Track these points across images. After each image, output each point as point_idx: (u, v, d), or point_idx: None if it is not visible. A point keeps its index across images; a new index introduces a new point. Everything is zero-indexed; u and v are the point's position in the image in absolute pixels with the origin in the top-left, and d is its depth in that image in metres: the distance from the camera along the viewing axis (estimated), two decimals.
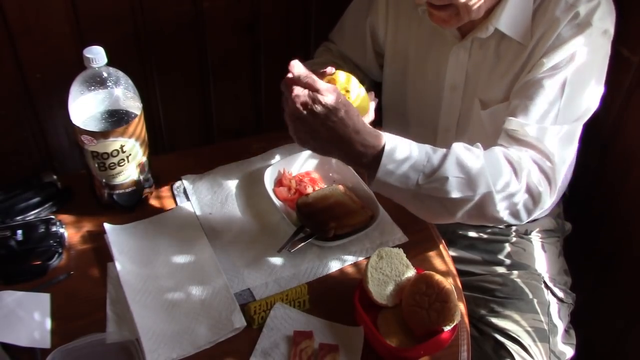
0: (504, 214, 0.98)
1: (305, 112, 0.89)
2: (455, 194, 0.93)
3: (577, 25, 1.00)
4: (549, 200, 1.01)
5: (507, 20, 1.04)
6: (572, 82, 1.01)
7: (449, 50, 1.13)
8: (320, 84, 0.90)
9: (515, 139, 1.02)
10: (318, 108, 0.89)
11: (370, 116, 1.09)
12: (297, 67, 0.92)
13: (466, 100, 1.17)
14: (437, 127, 1.23)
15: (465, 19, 1.01)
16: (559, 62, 1.01)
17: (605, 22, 1.02)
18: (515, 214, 0.99)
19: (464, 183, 0.94)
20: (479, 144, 0.99)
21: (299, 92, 0.89)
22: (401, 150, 0.92)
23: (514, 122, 1.02)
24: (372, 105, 1.11)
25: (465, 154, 0.95)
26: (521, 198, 0.98)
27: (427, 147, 0.95)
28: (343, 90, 1.00)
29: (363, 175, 1.20)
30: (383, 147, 0.91)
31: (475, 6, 0.98)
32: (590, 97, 1.04)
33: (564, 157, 1.02)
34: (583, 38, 1.00)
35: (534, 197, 0.99)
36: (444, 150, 0.95)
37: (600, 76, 1.05)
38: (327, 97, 0.89)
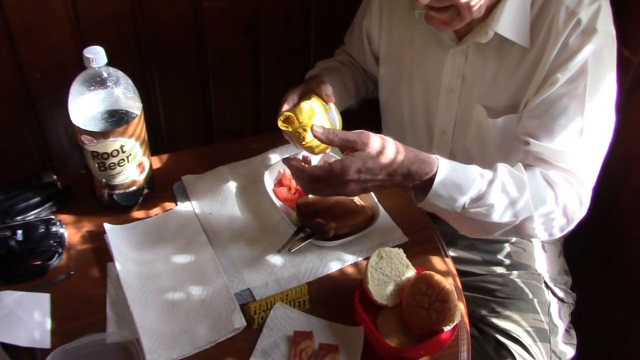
0: (539, 233, 1.02)
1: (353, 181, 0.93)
2: (498, 219, 0.97)
3: (583, 33, 0.99)
4: (580, 218, 1.05)
5: (506, 24, 1.02)
6: (591, 95, 1.01)
7: (445, 54, 1.12)
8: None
9: (545, 162, 1.04)
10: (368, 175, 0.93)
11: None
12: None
13: (463, 104, 1.16)
14: (434, 130, 1.23)
15: (467, 19, 0.99)
16: (572, 76, 1.00)
17: (608, 26, 1.01)
18: (550, 233, 1.04)
19: (508, 210, 0.97)
20: (520, 165, 1.02)
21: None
22: (451, 175, 0.95)
23: (540, 145, 1.03)
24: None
25: (510, 180, 0.98)
26: (558, 220, 1.02)
27: (475, 172, 0.97)
28: (301, 128, 1.05)
29: None
30: (435, 173, 0.94)
31: (477, 5, 0.97)
32: (611, 107, 1.04)
33: (594, 175, 1.06)
34: (591, 46, 0.99)
35: (569, 218, 1.03)
36: (491, 174, 0.98)
37: (614, 82, 1.04)
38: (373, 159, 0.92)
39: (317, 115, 1.06)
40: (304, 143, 1.06)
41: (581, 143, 1.02)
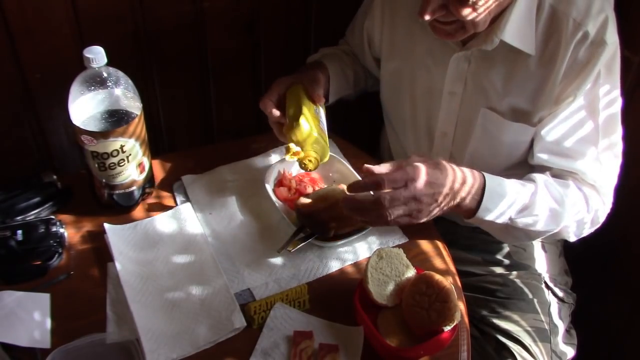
0: (572, 236, 1.11)
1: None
2: (541, 227, 1.03)
3: (591, 46, 0.99)
4: (602, 221, 1.13)
5: (512, 32, 1.01)
6: (605, 108, 1.04)
7: (449, 58, 1.11)
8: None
9: (570, 175, 1.09)
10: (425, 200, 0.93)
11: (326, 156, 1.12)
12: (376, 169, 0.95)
13: (465, 107, 1.15)
14: (434, 131, 1.23)
15: (471, 32, 0.99)
16: (586, 92, 1.02)
17: (616, 35, 1.01)
18: (580, 235, 1.12)
19: (550, 219, 1.03)
20: (547, 173, 1.08)
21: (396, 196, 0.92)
22: (496, 188, 0.99)
23: (561, 161, 1.07)
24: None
25: (552, 190, 1.03)
26: (588, 224, 1.10)
27: (515, 183, 1.01)
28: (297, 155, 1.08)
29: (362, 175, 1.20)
30: (484, 189, 0.98)
31: (482, 21, 0.97)
32: (619, 116, 1.07)
33: (614, 182, 1.11)
34: (602, 59, 0.99)
35: (595, 222, 1.11)
36: (532, 185, 1.02)
37: (619, 92, 1.06)
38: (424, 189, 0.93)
39: (312, 130, 1.07)
40: (307, 170, 1.10)
41: (601, 156, 1.06)
